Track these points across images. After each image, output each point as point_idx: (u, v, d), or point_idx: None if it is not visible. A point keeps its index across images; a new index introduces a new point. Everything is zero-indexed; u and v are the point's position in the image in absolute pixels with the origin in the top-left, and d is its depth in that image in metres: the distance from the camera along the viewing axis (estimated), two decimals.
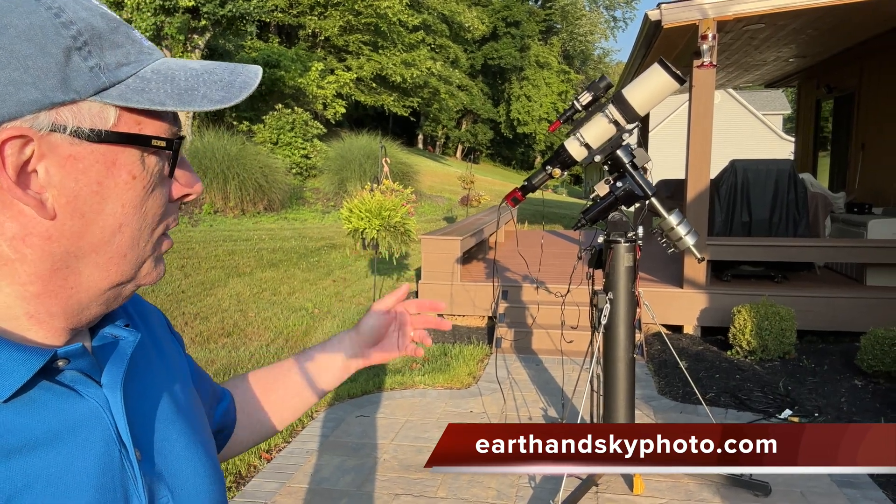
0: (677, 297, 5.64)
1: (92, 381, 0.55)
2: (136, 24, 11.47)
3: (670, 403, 4.15)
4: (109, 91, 0.50)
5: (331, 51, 25.26)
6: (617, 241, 3.06)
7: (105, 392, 0.55)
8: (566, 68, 45.14)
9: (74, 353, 0.53)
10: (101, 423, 0.54)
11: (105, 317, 0.61)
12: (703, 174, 5.52)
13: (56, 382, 0.53)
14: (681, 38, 5.73)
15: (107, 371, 0.57)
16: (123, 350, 0.59)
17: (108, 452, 0.54)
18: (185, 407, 0.67)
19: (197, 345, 5.26)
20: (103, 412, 0.54)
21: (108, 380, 0.56)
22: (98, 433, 0.53)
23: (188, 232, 9.90)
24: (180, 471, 0.61)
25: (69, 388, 0.54)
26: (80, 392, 0.54)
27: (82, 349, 0.54)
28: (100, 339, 0.59)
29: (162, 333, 0.74)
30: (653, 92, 2.83)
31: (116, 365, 0.58)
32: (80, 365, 0.54)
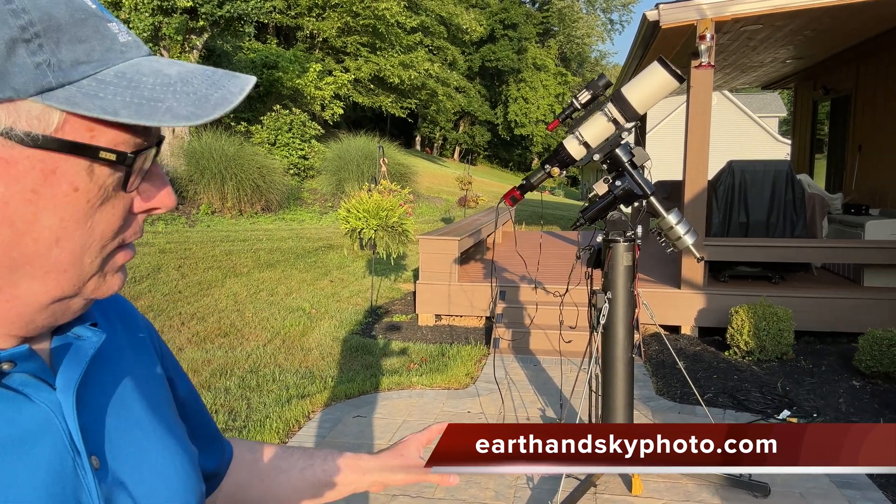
0: (675, 298, 5.64)
1: (45, 384, 0.51)
2: (134, 24, 11.44)
3: (668, 404, 4.14)
4: (56, 92, 0.44)
5: (329, 52, 25.26)
6: (616, 241, 3.05)
7: (58, 396, 0.52)
8: (563, 71, 45.23)
9: (20, 355, 0.49)
10: (51, 429, 0.50)
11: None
12: (700, 175, 5.51)
13: (3, 387, 0.50)
14: (678, 38, 5.73)
15: (61, 373, 0.53)
16: (84, 351, 0.55)
17: (59, 461, 0.50)
18: (160, 413, 0.63)
19: (194, 345, 5.24)
20: (55, 418, 0.51)
21: (62, 383, 0.52)
22: (48, 440, 0.50)
23: (185, 232, 9.87)
24: (149, 479, 0.58)
25: (18, 393, 0.50)
26: (31, 396, 0.50)
27: (28, 351, 0.50)
28: (59, 339, 0.56)
29: (142, 338, 0.70)
30: (652, 90, 2.82)
31: (73, 367, 0.54)
32: (29, 367, 0.50)
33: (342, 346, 5.29)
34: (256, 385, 4.42)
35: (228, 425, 3.77)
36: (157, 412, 0.63)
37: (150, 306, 6.13)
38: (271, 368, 4.76)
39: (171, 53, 12.64)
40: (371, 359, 5.01)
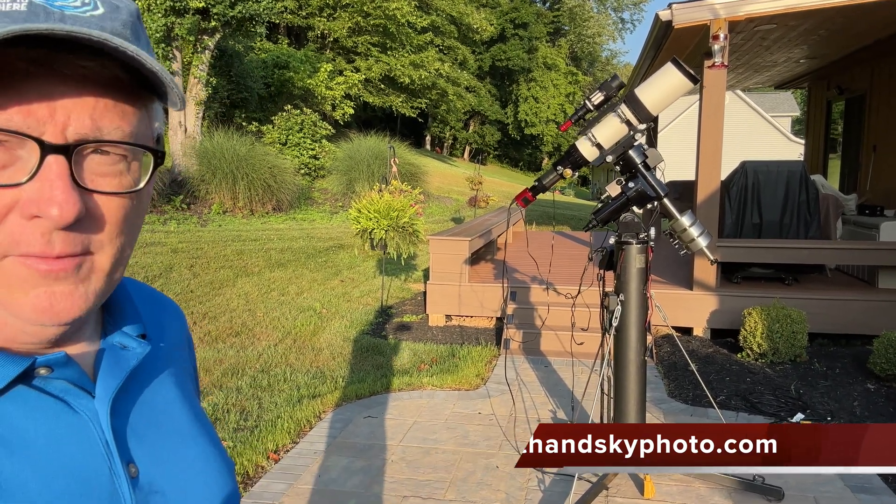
0: (687, 299, 5.60)
1: (84, 392, 0.52)
2: (147, 24, 11.52)
3: (680, 406, 4.12)
4: None
5: (339, 52, 25.31)
6: (629, 243, 3.04)
7: (96, 404, 0.52)
8: (574, 70, 45.07)
9: (57, 361, 0.49)
10: (89, 437, 0.51)
11: (118, 321, 0.58)
12: (713, 175, 5.48)
13: (44, 393, 0.50)
14: (691, 38, 5.69)
15: (100, 382, 0.53)
16: (126, 361, 0.56)
17: (94, 468, 0.50)
18: (201, 421, 0.64)
19: (205, 344, 5.26)
20: (93, 427, 0.51)
21: (101, 391, 0.53)
22: (84, 447, 0.50)
23: (197, 232, 9.93)
24: (187, 488, 0.58)
25: (58, 399, 0.50)
26: (70, 403, 0.51)
27: (65, 358, 0.50)
28: (105, 345, 0.56)
29: (189, 347, 0.71)
30: (666, 91, 2.81)
31: (113, 376, 0.54)
32: (66, 374, 0.51)
33: (353, 346, 5.30)
34: (268, 385, 4.44)
35: (240, 425, 3.79)
36: (198, 422, 0.63)
37: None
38: (282, 368, 4.78)
39: (183, 54, 12.71)
40: (382, 359, 5.01)
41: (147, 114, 0.51)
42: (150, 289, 0.72)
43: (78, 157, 0.46)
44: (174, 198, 10.97)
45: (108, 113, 0.47)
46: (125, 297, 0.61)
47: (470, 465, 3.33)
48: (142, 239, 8.61)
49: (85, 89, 0.46)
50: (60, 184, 0.44)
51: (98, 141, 0.46)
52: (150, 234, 9.03)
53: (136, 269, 7.18)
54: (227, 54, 16.10)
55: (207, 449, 0.62)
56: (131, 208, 0.51)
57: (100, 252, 0.49)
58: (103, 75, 0.46)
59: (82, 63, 0.45)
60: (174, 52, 12.10)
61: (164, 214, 10.46)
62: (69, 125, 0.45)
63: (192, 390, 0.67)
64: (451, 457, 3.41)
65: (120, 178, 0.49)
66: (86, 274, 0.48)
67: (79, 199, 0.45)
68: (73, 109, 0.45)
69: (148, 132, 0.52)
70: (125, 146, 0.48)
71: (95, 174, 0.47)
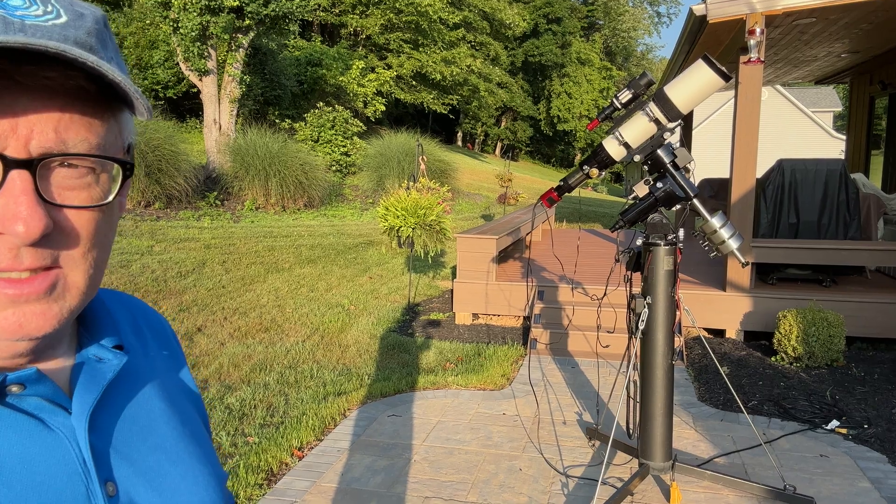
0: (719, 301, 5.48)
1: (60, 408, 0.50)
2: (183, 23, 11.71)
3: (710, 410, 4.03)
4: None
5: (372, 49, 25.43)
6: (656, 244, 2.98)
7: (73, 421, 0.51)
8: (608, 65, 44.47)
9: (28, 378, 0.48)
10: (65, 454, 0.49)
11: (94, 333, 0.57)
12: (748, 174, 5.34)
13: (17, 410, 0.48)
14: (727, 33, 5.55)
15: (76, 397, 0.52)
16: (102, 374, 0.54)
17: (70, 487, 0.49)
18: (189, 435, 0.62)
19: (235, 339, 5.34)
20: (69, 444, 0.50)
21: (77, 407, 0.51)
22: (60, 466, 0.49)
23: (230, 228, 10.07)
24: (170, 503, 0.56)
25: (32, 417, 0.49)
26: (46, 421, 0.49)
27: (37, 374, 0.48)
28: (80, 361, 0.54)
29: (176, 356, 0.69)
30: (696, 89, 2.73)
31: (89, 391, 0.52)
32: (40, 391, 0.49)
33: (379, 344, 5.32)
34: (295, 381, 4.48)
35: (266, 421, 3.83)
36: (187, 434, 0.61)
37: (195, 301, 6.27)
38: (309, 365, 4.82)
39: (218, 52, 12.90)
40: (407, 357, 5.02)
41: (116, 123, 0.50)
42: (130, 298, 0.70)
43: (43, 171, 0.45)
44: (208, 194, 11.16)
45: (74, 125, 0.45)
46: (101, 308, 0.60)
47: (493, 466, 3.31)
48: (176, 234, 8.77)
49: (49, 101, 0.44)
50: (25, 199, 0.43)
51: (63, 154, 0.45)
52: (184, 230, 9.20)
53: (171, 264, 7.32)
54: (260, 52, 16.29)
55: (195, 466, 0.60)
56: (102, 221, 0.50)
57: (72, 269, 0.48)
58: (68, 86, 0.45)
59: (45, 74, 0.43)
60: (209, 50, 12.28)
61: (198, 210, 10.64)
62: (32, 139, 0.44)
63: (183, 402, 0.65)
64: (474, 458, 3.40)
65: (88, 191, 0.48)
66: (59, 293, 0.47)
67: (45, 214, 0.44)
68: (36, 122, 0.44)
69: (117, 143, 0.50)
70: (92, 159, 0.47)
71: (62, 188, 0.46)
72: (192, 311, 5.95)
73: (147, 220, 9.37)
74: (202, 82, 12.48)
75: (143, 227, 8.94)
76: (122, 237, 8.16)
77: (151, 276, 6.79)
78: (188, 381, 0.69)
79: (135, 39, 16.37)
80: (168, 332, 0.70)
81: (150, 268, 7.06)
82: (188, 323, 5.60)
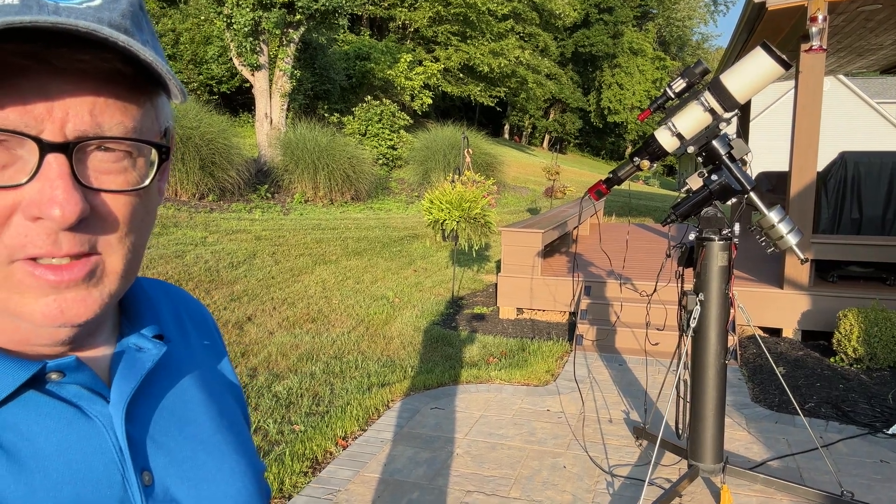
0: (776, 298, 5.28)
1: (98, 396, 0.50)
2: (236, 19, 11.96)
3: (764, 412, 3.89)
4: None
5: (420, 42, 25.48)
6: (710, 239, 2.87)
7: (111, 409, 0.51)
8: (661, 55, 43.41)
9: (68, 365, 0.48)
10: (102, 443, 0.49)
11: (135, 322, 0.57)
12: (808, 167, 5.12)
13: (57, 398, 0.49)
14: (787, 20, 5.32)
15: (115, 387, 0.52)
16: (141, 364, 0.54)
17: (107, 476, 0.49)
18: (227, 426, 0.61)
19: (283, 329, 5.43)
20: (106, 433, 0.50)
21: (115, 396, 0.51)
22: (98, 456, 0.49)
23: (280, 220, 10.26)
24: (205, 497, 0.55)
25: (72, 405, 0.49)
26: (84, 409, 0.49)
27: (76, 362, 0.48)
28: (120, 349, 0.54)
29: (217, 346, 0.69)
30: (754, 78, 2.62)
31: (128, 380, 0.52)
32: (79, 379, 0.49)
33: (423, 336, 5.33)
34: (340, 371, 4.53)
35: (312, 410, 3.89)
36: (225, 425, 0.61)
37: (245, 291, 6.41)
38: (354, 355, 4.86)
39: (269, 47, 13.13)
40: (451, 350, 5.01)
41: (152, 107, 0.49)
42: (173, 288, 0.70)
43: (80, 154, 0.44)
44: (259, 187, 11.39)
45: (109, 108, 0.45)
46: (143, 297, 0.60)
47: (536, 463, 3.27)
48: (228, 226, 8.99)
49: (83, 84, 0.43)
50: (61, 183, 0.43)
51: (99, 138, 0.44)
52: (236, 222, 9.41)
53: (223, 254, 7.50)
54: (311, 47, 16.52)
55: (232, 457, 0.59)
56: (139, 205, 0.49)
57: (111, 254, 0.47)
58: (102, 69, 0.44)
59: (79, 57, 0.43)
60: (261, 45, 12.51)
61: (249, 203, 10.87)
62: (68, 122, 0.43)
63: (222, 392, 0.64)
64: (517, 453, 3.36)
65: (125, 175, 0.47)
66: (99, 279, 0.47)
67: (81, 198, 0.43)
68: (71, 106, 0.43)
69: (153, 127, 0.49)
70: (128, 142, 0.46)
71: (99, 172, 0.46)
72: (242, 300, 6.08)
73: (201, 212, 9.62)
74: (254, 77, 12.74)
75: (197, 218, 9.18)
76: (178, 228, 8.40)
77: (204, 266, 6.97)
78: (228, 371, 0.68)
79: (190, 35, 16.82)
80: (209, 323, 0.70)
81: (204, 258, 7.25)
82: (239, 312, 5.73)
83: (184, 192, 10.01)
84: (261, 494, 0.61)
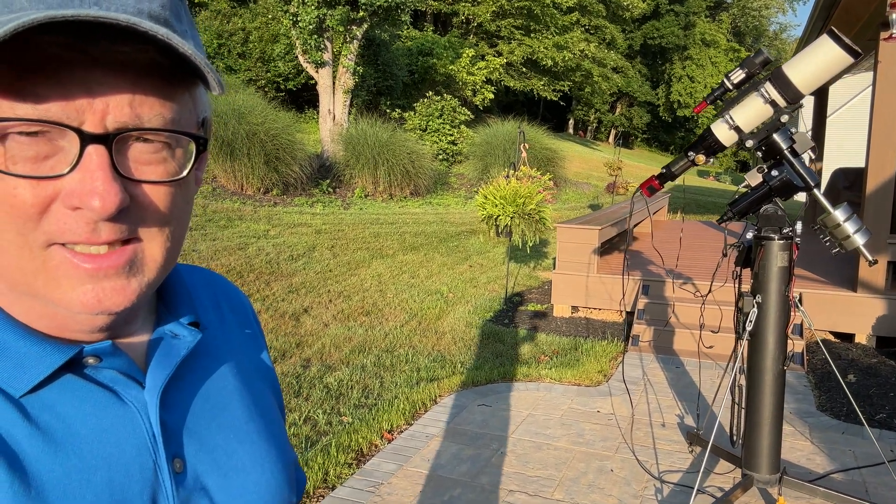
0: (849, 302, 4.98)
1: (134, 381, 0.51)
2: (302, 17, 12.23)
3: (831, 422, 3.67)
4: None
5: (483, 37, 25.38)
6: (769, 238, 2.73)
7: (146, 395, 0.52)
8: (736, 46, 41.67)
9: (104, 350, 0.49)
10: (136, 428, 0.50)
11: (172, 309, 0.58)
12: (886, 163, 4.79)
13: (93, 382, 0.50)
14: (865, 7, 4.99)
15: (151, 372, 0.53)
16: (176, 351, 0.55)
17: (139, 462, 0.50)
18: (261, 414, 0.62)
19: (338, 321, 5.52)
20: (140, 418, 0.51)
21: (151, 382, 0.52)
22: (131, 439, 0.50)
23: (340, 214, 10.45)
24: (234, 486, 0.56)
25: (107, 389, 0.50)
26: (120, 394, 0.50)
27: (112, 347, 0.50)
28: (157, 336, 0.55)
29: (255, 334, 0.69)
30: (819, 67, 2.46)
31: (163, 367, 0.53)
32: (115, 364, 0.50)
33: (474, 332, 5.31)
34: (390, 364, 4.57)
35: (361, 402, 3.93)
36: (258, 414, 0.61)
37: (303, 283, 6.55)
38: (405, 349, 4.89)
39: (334, 45, 13.37)
40: (501, 347, 4.97)
41: (190, 98, 0.50)
42: (213, 275, 0.70)
43: (119, 145, 0.45)
44: (321, 182, 11.63)
45: (148, 99, 0.45)
46: (180, 285, 0.61)
47: (582, 465, 3.20)
48: (290, 220, 9.22)
49: (123, 76, 0.44)
50: (101, 174, 0.43)
51: (138, 129, 0.45)
52: (298, 216, 9.64)
53: (283, 247, 7.69)
54: (374, 43, 16.71)
55: (263, 447, 0.60)
56: (178, 195, 0.49)
57: (149, 244, 0.48)
58: (141, 60, 0.45)
59: (119, 48, 0.43)
60: (325, 42, 12.74)
61: (311, 197, 11.11)
62: (108, 113, 0.44)
63: (258, 381, 0.65)
64: (564, 454, 3.30)
65: (164, 166, 0.47)
66: (137, 268, 0.48)
67: (121, 189, 0.44)
68: (111, 97, 0.44)
69: (191, 117, 0.50)
70: (167, 133, 0.47)
71: (138, 163, 0.46)
72: (300, 292, 6.22)
73: (265, 206, 9.91)
74: (318, 74, 12.99)
75: (261, 212, 9.46)
76: (242, 221, 8.68)
77: (266, 258, 7.17)
78: (266, 360, 0.69)
79: (259, 34, 17.32)
80: (249, 311, 0.71)
81: (265, 250, 7.46)
82: (296, 304, 5.86)
83: (249, 186, 10.33)
84: (289, 484, 0.62)
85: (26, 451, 0.45)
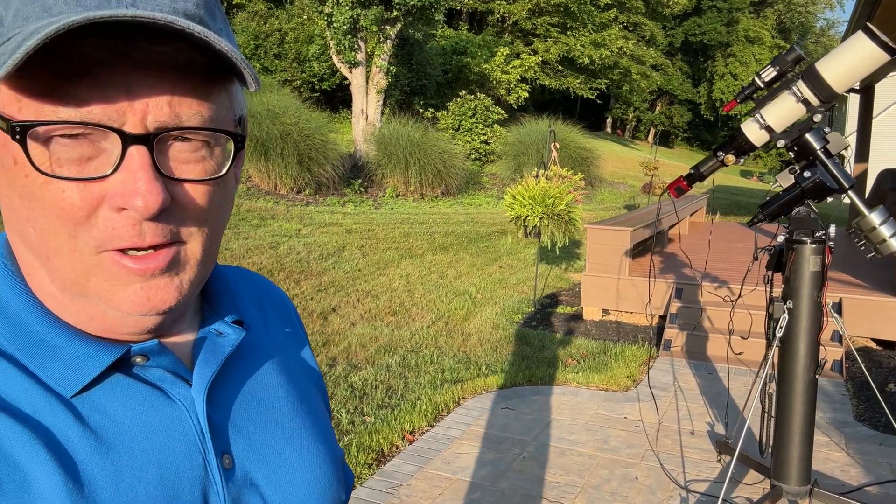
0: (891, 308, 4.78)
1: (181, 380, 0.52)
2: (336, 17, 12.33)
3: (868, 432, 3.53)
4: None
5: (518, 35, 25.22)
6: (801, 242, 2.63)
7: (192, 393, 0.52)
8: (781, 43, 40.56)
9: (151, 349, 0.50)
10: (184, 425, 0.51)
11: (216, 309, 0.59)
12: None
13: (141, 381, 0.50)
14: None
15: (197, 371, 0.53)
16: (221, 348, 0.55)
17: (188, 459, 0.50)
18: (307, 411, 0.62)
19: (364, 321, 5.54)
20: (188, 415, 0.51)
21: (197, 380, 0.53)
22: (179, 436, 0.50)
23: (371, 214, 10.51)
24: (283, 482, 0.56)
25: (155, 388, 0.51)
26: (167, 392, 0.51)
27: (158, 346, 0.50)
28: (202, 335, 0.56)
29: (299, 332, 0.70)
30: (854, 65, 2.36)
31: (208, 364, 0.54)
32: (162, 363, 0.51)
33: (501, 334, 5.26)
34: (415, 365, 4.56)
35: (384, 402, 3.93)
36: (304, 411, 0.62)
37: (332, 282, 6.60)
38: (431, 350, 4.88)
39: (368, 45, 13.44)
40: (528, 349, 4.91)
41: (227, 96, 0.50)
42: (255, 276, 0.71)
43: (160, 145, 0.46)
44: (353, 181, 11.70)
45: (187, 98, 0.46)
46: (223, 285, 0.61)
47: (606, 472, 3.13)
48: (322, 219, 9.30)
49: (162, 75, 0.44)
50: (143, 174, 0.44)
51: (178, 128, 0.46)
52: (329, 215, 9.73)
53: (314, 246, 7.77)
54: (408, 43, 16.76)
55: (310, 443, 0.60)
56: (217, 194, 0.50)
57: (190, 240, 0.49)
58: (178, 59, 0.45)
59: (157, 48, 0.44)
60: (359, 42, 12.82)
61: (343, 197, 11.20)
62: (148, 113, 0.44)
63: (302, 379, 0.65)
64: (587, 461, 3.24)
65: (203, 165, 0.48)
66: (181, 267, 0.49)
67: (162, 188, 0.45)
68: (151, 98, 0.44)
69: (228, 115, 0.50)
70: (206, 132, 0.47)
71: (178, 162, 0.47)
72: (329, 291, 6.27)
73: (297, 205, 10.02)
74: (352, 74, 13.08)
75: (293, 211, 9.57)
76: (274, 220, 8.80)
77: (296, 257, 7.25)
78: (309, 359, 0.69)
79: (295, 35, 17.53)
80: (291, 311, 0.71)
81: (296, 249, 7.54)
82: (324, 303, 5.90)
83: (282, 185, 10.46)
84: (338, 480, 0.62)
85: (79, 451, 0.46)
